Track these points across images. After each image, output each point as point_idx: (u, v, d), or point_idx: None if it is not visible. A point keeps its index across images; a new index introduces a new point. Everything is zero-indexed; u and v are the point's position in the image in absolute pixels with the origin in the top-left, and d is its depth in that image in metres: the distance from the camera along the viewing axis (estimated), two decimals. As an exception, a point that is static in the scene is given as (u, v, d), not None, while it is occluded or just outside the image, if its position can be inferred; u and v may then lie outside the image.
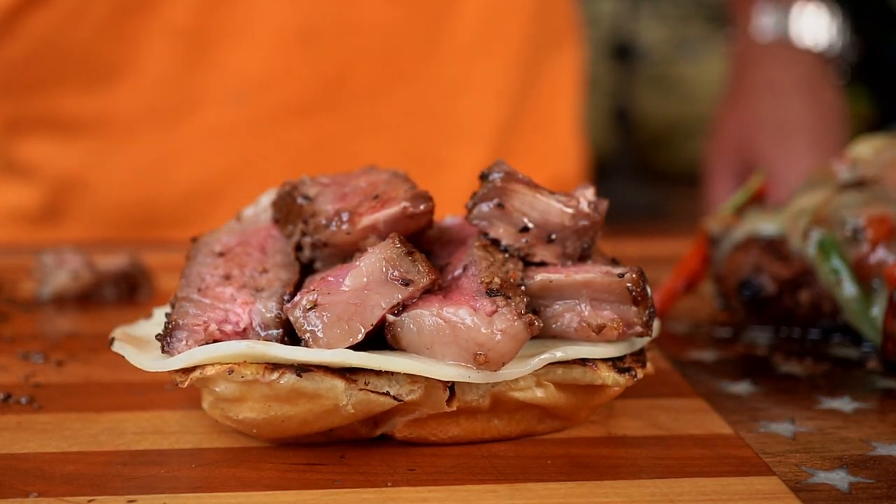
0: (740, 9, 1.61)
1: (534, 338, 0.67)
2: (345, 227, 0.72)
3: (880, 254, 0.90)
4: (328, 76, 1.43)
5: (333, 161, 1.35)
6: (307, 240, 0.74)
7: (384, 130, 1.47)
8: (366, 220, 0.72)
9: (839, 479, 0.65)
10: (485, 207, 0.73)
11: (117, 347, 0.74)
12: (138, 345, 0.74)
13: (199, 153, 1.44)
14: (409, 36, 1.44)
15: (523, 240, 0.73)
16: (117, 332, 0.76)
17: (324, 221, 0.73)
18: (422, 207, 0.73)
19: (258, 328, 0.70)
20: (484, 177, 0.74)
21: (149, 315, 0.81)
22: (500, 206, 0.73)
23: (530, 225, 0.73)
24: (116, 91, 1.41)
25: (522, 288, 0.69)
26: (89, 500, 0.62)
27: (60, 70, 1.40)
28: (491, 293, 0.67)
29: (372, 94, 1.45)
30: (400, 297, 0.67)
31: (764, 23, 1.55)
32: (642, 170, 3.76)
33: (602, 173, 3.17)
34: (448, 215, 0.81)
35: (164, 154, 1.44)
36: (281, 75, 1.41)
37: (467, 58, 1.49)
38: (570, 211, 0.73)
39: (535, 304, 0.70)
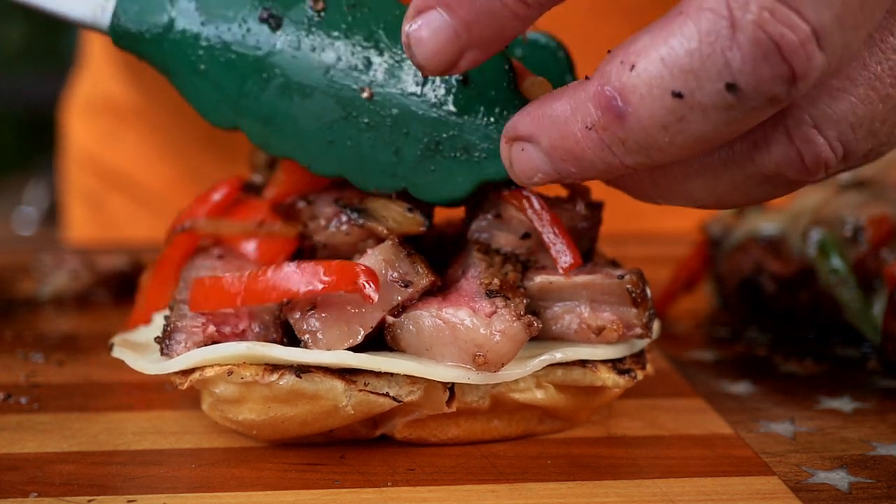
0: None
1: (533, 339, 0.67)
2: (344, 228, 0.72)
3: (880, 254, 0.90)
4: None
5: None
6: (306, 242, 0.74)
7: None
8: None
9: (839, 479, 0.65)
10: (483, 221, 0.73)
11: (117, 353, 0.74)
12: (138, 350, 0.74)
13: None
14: None
15: (525, 246, 0.73)
16: (116, 339, 0.76)
17: (323, 223, 0.73)
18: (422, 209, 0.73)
19: (257, 329, 0.69)
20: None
21: (148, 321, 0.81)
22: (498, 216, 0.73)
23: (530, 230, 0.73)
24: None
25: (522, 289, 0.69)
26: (89, 500, 0.62)
27: None
28: (490, 294, 0.67)
29: None
30: (399, 298, 0.67)
31: None
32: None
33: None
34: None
35: None
36: None
37: None
38: (566, 214, 0.73)
39: (535, 306, 0.70)
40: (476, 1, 0.56)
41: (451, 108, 0.68)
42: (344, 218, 0.72)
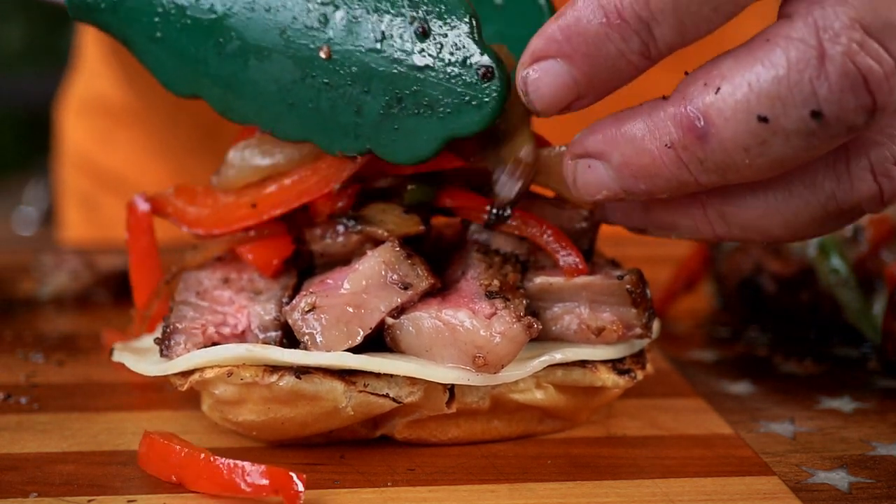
0: None
1: (533, 340, 0.67)
2: (340, 240, 0.72)
3: (880, 254, 0.90)
4: None
5: None
6: (303, 247, 0.74)
7: None
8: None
9: (839, 479, 0.65)
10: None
11: (117, 356, 0.74)
12: (137, 353, 0.74)
13: None
14: None
15: (525, 247, 0.73)
16: (117, 345, 0.76)
17: (318, 233, 0.73)
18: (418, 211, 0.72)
19: (256, 331, 0.69)
20: None
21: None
22: None
23: None
24: None
25: (522, 290, 0.69)
26: (89, 500, 0.62)
27: None
28: (490, 296, 0.66)
29: None
30: (399, 300, 0.67)
31: None
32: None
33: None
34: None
35: None
36: None
37: None
38: (566, 214, 0.73)
39: (535, 307, 0.70)
40: (598, 54, 0.57)
41: (412, 62, 0.66)
42: (340, 229, 0.72)
